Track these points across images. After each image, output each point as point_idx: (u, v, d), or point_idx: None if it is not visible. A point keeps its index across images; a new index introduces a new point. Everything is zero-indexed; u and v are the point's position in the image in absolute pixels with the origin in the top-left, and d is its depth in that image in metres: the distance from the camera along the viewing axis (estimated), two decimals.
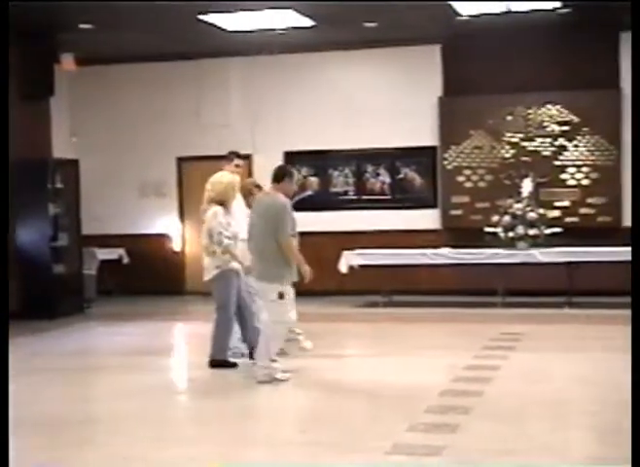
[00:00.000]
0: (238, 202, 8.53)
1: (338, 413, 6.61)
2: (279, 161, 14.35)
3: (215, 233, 8.03)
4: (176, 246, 14.96)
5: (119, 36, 12.98)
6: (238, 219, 8.59)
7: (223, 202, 8.14)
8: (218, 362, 8.13)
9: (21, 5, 10.96)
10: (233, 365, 8.11)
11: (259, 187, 9.69)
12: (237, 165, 8.96)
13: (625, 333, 10.14)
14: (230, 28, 12.56)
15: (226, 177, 8.33)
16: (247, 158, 14.52)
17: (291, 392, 7.59)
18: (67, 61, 13.23)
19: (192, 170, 14.75)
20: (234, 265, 8.08)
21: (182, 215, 14.99)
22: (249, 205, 9.06)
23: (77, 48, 13.12)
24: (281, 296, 7.42)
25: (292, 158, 14.34)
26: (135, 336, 10.88)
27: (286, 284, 7.50)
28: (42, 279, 12.41)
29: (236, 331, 8.32)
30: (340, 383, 7.65)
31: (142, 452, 5.58)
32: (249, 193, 9.01)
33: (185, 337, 11.60)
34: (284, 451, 5.57)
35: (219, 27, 12.45)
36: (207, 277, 8.24)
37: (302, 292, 13.74)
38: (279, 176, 7.69)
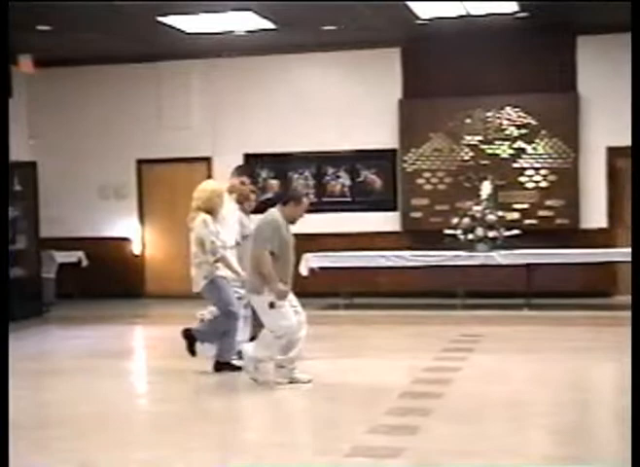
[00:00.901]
0: (229, 208, 8.42)
1: (297, 414, 6.62)
2: (240, 164, 14.37)
3: (207, 241, 7.92)
4: (136, 249, 14.87)
5: (77, 38, 12.88)
6: (231, 225, 8.54)
7: (209, 211, 8.03)
8: (223, 364, 8.00)
9: None
10: (238, 368, 7.87)
11: (255, 192, 9.70)
12: (243, 183, 8.79)
13: (583, 334, 10.28)
14: (189, 30, 12.51)
15: (211, 185, 8.26)
16: (207, 160, 14.54)
17: (249, 395, 7.56)
18: (25, 63, 13.12)
19: (152, 172, 14.71)
20: (221, 272, 7.96)
21: (142, 218, 14.90)
22: (244, 211, 9.05)
23: (35, 49, 13.01)
24: (272, 305, 7.36)
25: (252, 160, 14.32)
26: (94, 339, 10.78)
27: (270, 295, 7.39)
28: None
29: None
30: (300, 385, 7.63)
31: (99, 457, 5.53)
32: (245, 198, 8.94)
33: (144, 340, 11.52)
34: (241, 454, 5.54)
35: (179, 29, 12.40)
36: (197, 289, 8.08)
37: None
38: (286, 200, 7.68)
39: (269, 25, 12.35)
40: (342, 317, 12.19)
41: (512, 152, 13.40)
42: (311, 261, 12.64)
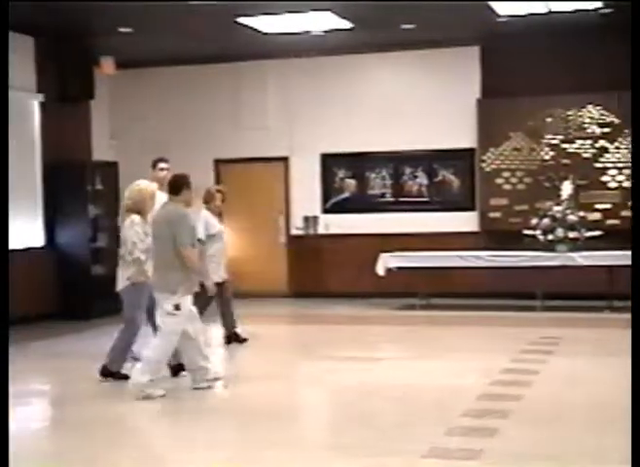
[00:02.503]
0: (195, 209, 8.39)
1: (373, 415, 6.58)
2: (316, 163, 14.42)
3: (129, 242, 7.81)
4: None
5: (157, 39, 13.05)
6: (213, 223, 9.35)
7: (140, 211, 7.91)
8: (109, 372, 7.88)
9: (61, 9, 11.07)
10: (124, 377, 7.70)
11: (220, 192, 9.80)
12: (162, 169, 8.84)
13: None
14: (267, 31, 12.57)
15: (142, 185, 8.06)
16: (284, 160, 14.60)
17: (325, 394, 7.57)
18: (107, 65, 13.34)
19: (229, 172, 14.82)
20: (143, 278, 7.80)
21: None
22: (210, 210, 9.26)
23: (116, 51, 13.23)
24: (177, 307, 7.21)
25: (329, 160, 14.35)
26: None
27: (183, 296, 7.28)
28: (80, 280, 12.48)
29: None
30: (376, 386, 7.61)
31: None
32: (212, 198, 9.28)
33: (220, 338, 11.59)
34: (316, 454, 5.54)
35: (256, 30, 12.47)
36: (119, 288, 7.97)
37: (340, 294, 13.90)
38: (178, 187, 7.47)
39: (347, 25, 12.33)
40: (419, 317, 12.11)
41: (593, 151, 13.16)
42: (388, 261, 12.61)
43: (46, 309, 12.12)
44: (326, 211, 14.49)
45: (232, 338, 9.98)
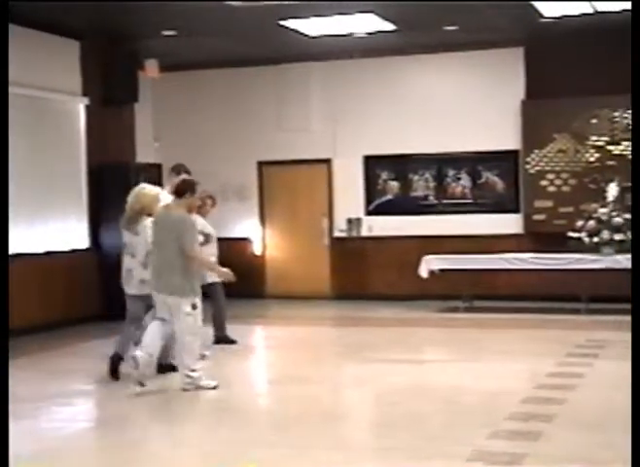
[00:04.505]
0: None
1: (417, 417, 6.55)
2: (359, 166, 14.41)
3: (146, 245, 7.83)
4: (257, 250, 15.05)
5: (201, 42, 13.12)
6: (207, 226, 9.49)
7: (150, 214, 7.93)
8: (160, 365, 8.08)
9: (106, 13, 11.18)
10: (172, 368, 7.98)
11: (211, 197, 9.86)
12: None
13: None
14: (311, 33, 12.58)
15: (148, 190, 8.14)
16: (327, 162, 14.61)
17: (368, 396, 7.55)
18: (151, 68, 13.43)
19: (272, 174, 14.86)
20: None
21: (263, 219, 15.07)
22: (201, 214, 9.44)
23: (160, 54, 13.32)
24: (194, 306, 7.42)
25: (371, 162, 14.33)
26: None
27: (197, 296, 7.49)
28: None
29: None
30: (419, 388, 7.58)
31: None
32: (203, 203, 9.42)
33: (264, 340, 11.63)
34: (360, 456, 5.53)
35: (300, 32, 12.49)
36: (133, 292, 8.04)
37: (383, 296, 13.88)
38: (182, 191, 7.56)
39: (390, 27, 12.31)
40: (462, 320, 12.05)
41: None
42: (431, 263, 12.57)
43: (90, 311, 12.22)
44: (369, 213, 14.47)
45: (222, 339, 10.03)
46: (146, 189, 8.16)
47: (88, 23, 11.92)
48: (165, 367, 8.12)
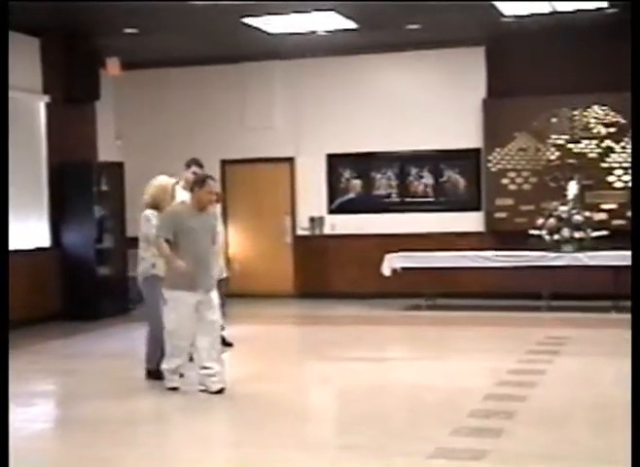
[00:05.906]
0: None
1: (379, 415, 6.57)
2: (322, 164, 14.42)
3: (152, 237, 7.73)
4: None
5: (163, 40, 13.06)
6: None
7: (157, 206, 7.94)
8: (152, 373, 7.86)
9: (67, 10, 11.09)
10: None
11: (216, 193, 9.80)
12: (194, 173, 8.84)
13: None
14: (273, 31, 12.56)
15: (158, 181, 8.14)
16: (290, 160, 14.60)
17: (331, 394, 7.56)
18: (112, 65, 13.34)
19: (235, 173, 14.83)
20: (157, 271, 7.78)
21: (225, 217, 15.00)
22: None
23: (122, 52, 13.23)
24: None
25: (334, 160, 14.35)
26: None
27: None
28: (86, 281, 12.49)
29: None
30: (382, 386, 7.61)
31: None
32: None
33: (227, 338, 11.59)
34: (322, 454, 5.54)
35: (262, 30, 12.47)
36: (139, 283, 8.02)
37: (346, 295, 13.90)
38: (190, 188, 7.63)
39: (352, 25, 12.33)
40: (425, 318, 12.11)
41: (599, 151, 13.15)
42: (394, 261, 12.60)
43: (51, 310, 12.13)
44: (332, 212, 14.49)
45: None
46: (158, 180, 8.13)
47: (49, 20, 11.81)
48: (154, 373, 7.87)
